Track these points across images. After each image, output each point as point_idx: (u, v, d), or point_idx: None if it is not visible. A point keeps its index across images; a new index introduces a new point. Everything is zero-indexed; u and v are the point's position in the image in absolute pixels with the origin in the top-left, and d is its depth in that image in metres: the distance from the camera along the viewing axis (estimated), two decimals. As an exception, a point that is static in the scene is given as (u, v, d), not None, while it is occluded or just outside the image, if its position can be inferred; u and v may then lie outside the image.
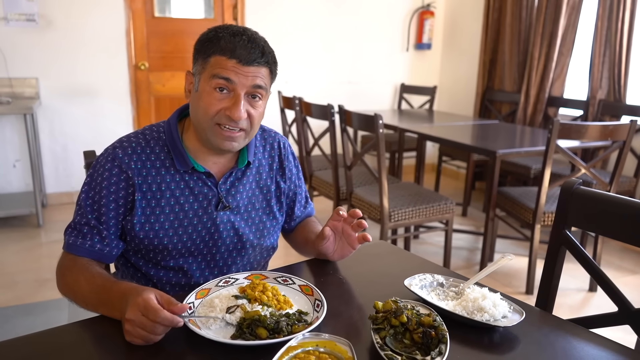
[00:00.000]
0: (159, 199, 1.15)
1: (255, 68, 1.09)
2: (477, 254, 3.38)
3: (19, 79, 3.77)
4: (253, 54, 1.08)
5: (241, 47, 1.07)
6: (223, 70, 1.08)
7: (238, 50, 1.07)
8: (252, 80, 1.09)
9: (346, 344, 0.83)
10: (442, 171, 4.70)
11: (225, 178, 1.21)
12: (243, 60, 1.07)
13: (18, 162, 3.91)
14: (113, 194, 1.13)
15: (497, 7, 4.61)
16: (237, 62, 1.07)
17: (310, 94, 4.54)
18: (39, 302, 2.57)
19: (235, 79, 1.08)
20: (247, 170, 1.25)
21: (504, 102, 4.65)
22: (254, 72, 1.09)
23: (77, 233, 1.14)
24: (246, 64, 1.08)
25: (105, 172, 1.13)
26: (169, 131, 1.18)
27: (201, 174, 1.18)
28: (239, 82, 1.08)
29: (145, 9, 4.12)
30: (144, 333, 0.86)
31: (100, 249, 1.13)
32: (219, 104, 1.10)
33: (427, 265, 1.26)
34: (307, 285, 1.07)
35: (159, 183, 1.15)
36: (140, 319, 0.86)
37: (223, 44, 1.08)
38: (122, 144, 1.16)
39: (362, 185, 3.13)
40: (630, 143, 2.58)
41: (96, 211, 1.13)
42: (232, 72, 1.08)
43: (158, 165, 1.16)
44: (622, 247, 3.49)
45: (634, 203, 1.10)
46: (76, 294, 1.07)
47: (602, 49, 3.75)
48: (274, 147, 1.32)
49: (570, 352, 0.90)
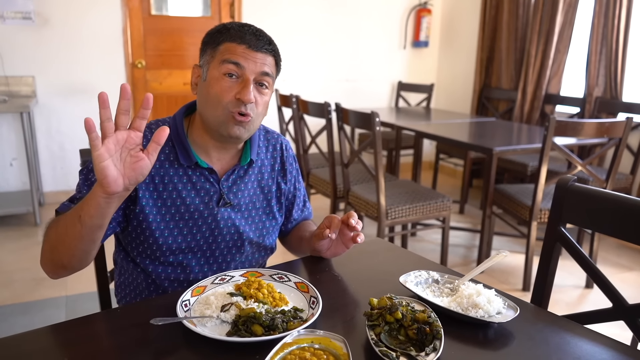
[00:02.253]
0: (161, 191, 1.16)
1: (263, 55, 1.13)
2: (474, 251, 3.39)
3: (15, 77, 3.76)
4: (261, 41, 1.13)
5: (250, 34, 1.13)
6: (233, 55, 1.11)
7: (247, 36, 1.12)
8: (260, 67, 1.13)
9: (341, 341, 0.84)
10: (439, 169, 4.71)
11: (228, 175, 1.22)
12: (252, 46, 1.12)
13: (15, 161, 3.90)
14: None
15: (494, 5, 4.61)
16: (246, 47, 1.11)
17: (308, 91, 4.54)
18: (36, 301, 2.57)
19: (245, 63, 1.11)
20: (250, 169, 1.26)
21: (501, 99, 4.66)
22: (262, 58, 1.13)
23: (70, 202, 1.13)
24: (255, 49, 1.12)
25: None
26: (175, 126, 1.19)
27: (204, 170, 1.19)
28: (248, 67, 1.11)
29: (142, 7, 4.11)
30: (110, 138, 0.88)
31: None
32: (229, 91, 1.12)
33: (423, 262, 1.27)
34: (303, 282, 1.07)
35: (162, 176, 1.16)
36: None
37: (233, 32, 1.13)
38: None
39: (359, 183, 3.13)
40: (626, 140, 2.59)
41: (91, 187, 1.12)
42: (242, 56, 1.11)
43: (162, 158, 1.16)
44: (619, 244, 3.50)
45: (628, 199, 1.11)
46: (57, 233, 1.03)
47: (598, 47, 3.75)
48: (276, 148, 1.33)
49: (565, 347, 0.91)
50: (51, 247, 1.05)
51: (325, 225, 1.18)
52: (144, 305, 1.06)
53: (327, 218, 1.19)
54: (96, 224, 0.97)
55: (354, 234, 1.16)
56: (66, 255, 1.04)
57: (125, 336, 0.91)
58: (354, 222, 1.15)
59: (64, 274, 1.09)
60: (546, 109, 4.23)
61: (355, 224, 1.15)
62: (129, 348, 0.88)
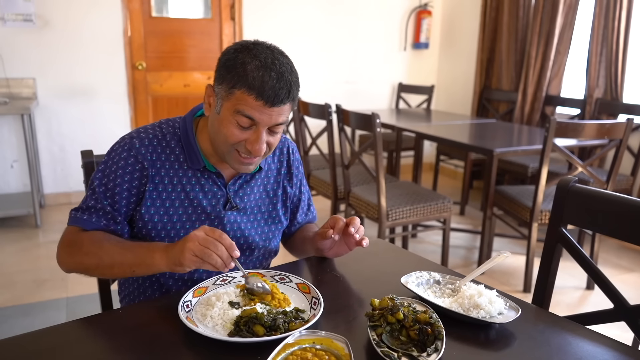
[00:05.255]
0: (170, 192, 1.17)
1: (279, 108, 1.06)
2: (475, 252, 3.39)
3: (16, 79, 3.76)
4: (280, 94, 1.05)
5: (270, 87, 1.03)
6: (248, 109, 1.05)
7: (266, 91, 1.03)
8: (275, 120, 1.07)
9: (343, 341, 0.84)
10: (439, 170, 4.71)
11: (235, 180, 1.23)
12: (269, 102, 1.04)
13: (16, 163, 3.91)
14: (127, 182, 1.14)
15: (495, 6, 4.61)
16: (263, 105, 1.04)
17: (308, 93, 4.54)
18: (37, 303, 2.57)
19: (259, 118, 1.06)
20: (257, 174, 1.27)
21: (502, 101, 4.66)
22: (278, 111, 1.07)
23: (90, 213, 1.15)
24: (271, 105, 1.05)
25: (121, 161, 1.14)
26: (184, 129, 1.19)
27: (212, 174, 1.20)
28: (263, 121, 1.06)
29: (143, 9, 4.12)
30: (206, 250, 0.96)
31: (113, 231, 1.15)
32: (240, 135, 1.08)
33: (424, 263, 1.27)
34: (304, 283, 1.08)
35: (171, 177, 1.17)
36: (204, 236, 0.97)
37: (251, 80, 1.03)
38: (140, 135, 1.17)
39: (360, 185, 3.13)
40: (626, 141, 2.59)
41: (109, 198, 1.14)
42: (257, 111, 1.05)
43: (172, 159, 1.17)
44: (620, 245, 3.50)
45: (629, 200, 1.11)
46: (101, 259, 1.08)
47: (599, 48, 3.76)
48: (283, 152, 1.34)
49: (566, 348, 0.91)
50: (86, 267, 1.12)
51: (329, 225, 1.18)
52: (145, 306, 1.06)
53: (332, 218, 1.19)
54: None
55: (360, 238, 1.16)
56: (100, 275, 1.18)
57: (127, 337, 0.92)
58: (353, 230, 1.14)
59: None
60: (546, 111, 4.23)
61: (354, 232, 1.14)
62: (130, 349, 0.88)
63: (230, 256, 0.97)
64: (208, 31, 4.37)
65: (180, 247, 0.98)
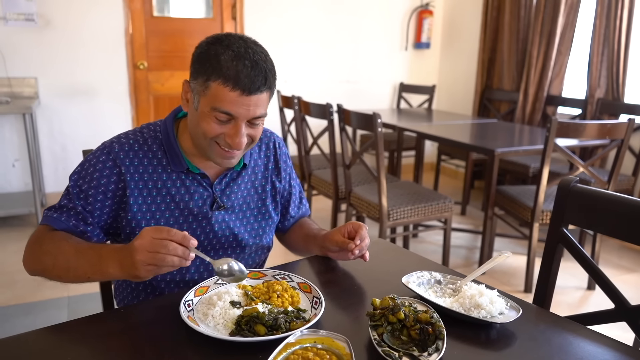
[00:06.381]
0: (155, 196, 1.16)
1: (257, 96, 1.05)
2: (476, 252, 3.39)
3: (17, 78, 3.77)
4: (256, 82, 1.03)
5: (245, 75, 1.02)
6: (225, 104, 1.03)
7: (242, 79, 1.02)
8: (253, 112, 1.06)
9: (344, 341, 0.84)
10: (440, 170, 4.71)
11: (220, 179, 1.22)
12: (246, 90, 1.03)
13: (17, 162, 3.91)
14: (103, 185, 1.13)
15: (496, 6, 4.61)
16: (239, 94, 1.03)
17: (309, 93, 4.54)
18: (39, 302, 2.57)
19: (237, 112, 1.05)
20: (243, 171, 1.26)
21: (503, 100, 4.65)
22: (255, 101, 1.05)
23: (61, 212, 1.14)
24: (249, 94, 1.03)
25: (98, 164, 1.13)
26: (165, 132, 1.18)
27: (196, 175, 1.19)
28: (241, 114, 1.05)
29: (144, 8, 4.12)
30: (157, 255, 0.91)
31: (82, 232, 1.13)
32: (219, 129, 1.07)
33: (425, 263, 1.27)
34: (305, 282, 1.08)
35: (155, 181, 1.16)
36: (150, 242, 0.91)
37: (225, 71, 1.02)
38: (120, 140, 1.17)
39: (361, 184, 3.13)
40: (628, 141, 2.59)
41: (82, 199, 1.13)
42: (234, 104, 1.04)
43: (155, 163, 1.16)
44: (621, 245, 3.50)
45: (630, 201, 1.11)
46: (56, 259, 1.05)
47: (600, 48, 3.75)
48: (269, 147, 1.33)
49: (567, 348, 0.91)
50: (44, 268, 1.09)
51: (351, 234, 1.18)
52: (146, 306, 1.06)
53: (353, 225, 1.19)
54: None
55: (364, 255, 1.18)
56: (58, 278, 1.09)
57: (128, 336, 0.92)
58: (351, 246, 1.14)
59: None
60: (548, 111, 4.23)
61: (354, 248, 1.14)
62: (131, 348, 0.88)
63: (188, 248, 0.93)
64: (209, 31, 4.37)
65: (130, 261, 0.94)
